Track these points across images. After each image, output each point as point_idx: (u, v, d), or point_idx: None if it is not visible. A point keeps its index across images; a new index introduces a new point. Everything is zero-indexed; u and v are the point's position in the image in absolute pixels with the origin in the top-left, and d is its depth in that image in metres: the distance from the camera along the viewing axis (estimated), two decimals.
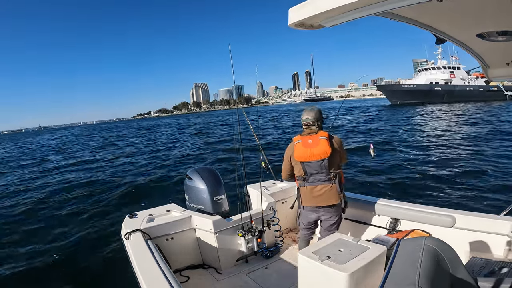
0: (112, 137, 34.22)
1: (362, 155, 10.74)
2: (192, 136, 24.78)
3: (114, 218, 6.05)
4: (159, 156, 15.48)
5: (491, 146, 12.24)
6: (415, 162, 10.00)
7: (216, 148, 16.88)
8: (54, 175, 12.59)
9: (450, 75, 48.54)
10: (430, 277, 1.19)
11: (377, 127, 19.55)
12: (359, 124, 22.57)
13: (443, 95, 47.02)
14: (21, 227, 6.07)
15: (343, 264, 1.74)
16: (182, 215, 3.06)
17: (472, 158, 10.35)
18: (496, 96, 47.09)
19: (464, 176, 8.04)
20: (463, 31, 1.33)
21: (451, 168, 8.96)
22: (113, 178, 10.79)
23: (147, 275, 1.97)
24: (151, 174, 10.98)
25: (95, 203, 7.49)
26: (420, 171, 8.74)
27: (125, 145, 22.59)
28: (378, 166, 9.76)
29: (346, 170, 9.74)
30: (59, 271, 4.15)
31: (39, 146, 31.19)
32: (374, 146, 3.15)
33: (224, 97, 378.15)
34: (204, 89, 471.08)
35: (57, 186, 10.10)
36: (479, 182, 7.41)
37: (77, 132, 64.25)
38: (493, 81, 2.10)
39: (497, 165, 9.11)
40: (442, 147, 12.82)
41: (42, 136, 60.21)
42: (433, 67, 50.22)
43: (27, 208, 7.46)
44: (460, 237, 2.45)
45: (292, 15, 1.17)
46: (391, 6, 0.99)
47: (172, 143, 20.81)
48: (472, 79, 49.84)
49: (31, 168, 15.21)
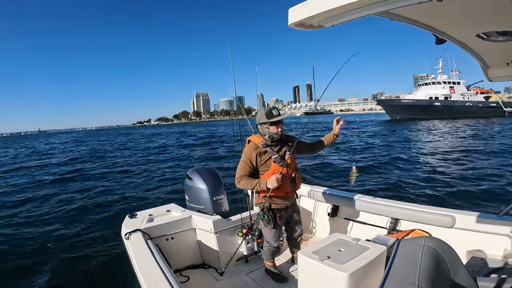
0: (129, 141, 33.31)
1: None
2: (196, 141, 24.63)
3: (114, 218, 6.05)
4: (159, 156, 15.49)
5: (492, 146, 12.25)
6: (415, 162, 10.00)
7: (216, 148, 16.91)
8: (54, 174, 12.60)
9: (450, 90, 48.11)
10: (430, 277, 1.19)
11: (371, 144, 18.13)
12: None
13: (443, 111, 46.58)
14: (21, 227, 6.07)
15: (343, 264, 1.74)
16: (182, 215, 3.06)
17: (472, 158, 10.36)
18: (495, 112, 46.59)
19: (464, 176, 8.04)
20: (463, 31, 1.33)
21: (451, 169, 8.96)
22: (113, 178, 10.80)
23: (147, 275, 1.97)
24: (151, 174, 10.99)
25: (95, 203, 7.49)
26: (420, 171, 8.75)
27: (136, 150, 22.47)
28: (378, 165, 9.78)
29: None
30: (59, 271, 4.15)
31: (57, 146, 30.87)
32: (357, 168, 2.76)
33: (225, 108, 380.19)
34: (205, 99, 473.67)
35: (57, 185, 10.10)
36: (479, 182, 7.42)
37: (81, 135, 64.05)
38: (493, 81, 2.09)
39: (497, 165, 9.11)
40: (441, 151, 12.83)
41: (54, 138, 60.04)
42: (433, 81, 49.75)
43: (27, 208, 7.46)
44: (460, 237, 2.45)
45: (292, 15, 1.17)
46: (391, 6, 0.99)
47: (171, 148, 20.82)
48: (472, 94, 49.46)
49: (31, 168, 15.22)
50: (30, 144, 44.88)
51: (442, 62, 50.14)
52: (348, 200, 3.21)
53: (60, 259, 4.49)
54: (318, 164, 10.70)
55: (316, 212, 3.56)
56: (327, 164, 10.73)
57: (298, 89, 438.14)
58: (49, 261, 4.44)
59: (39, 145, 38.51)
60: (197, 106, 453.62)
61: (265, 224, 2.60)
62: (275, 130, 2.47)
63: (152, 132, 59.47)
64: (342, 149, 14.80)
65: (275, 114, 2.47)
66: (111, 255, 4.38)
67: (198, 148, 19.93)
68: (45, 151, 26.94)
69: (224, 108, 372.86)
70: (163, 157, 15.95)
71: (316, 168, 10.20)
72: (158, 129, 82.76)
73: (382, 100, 59.28)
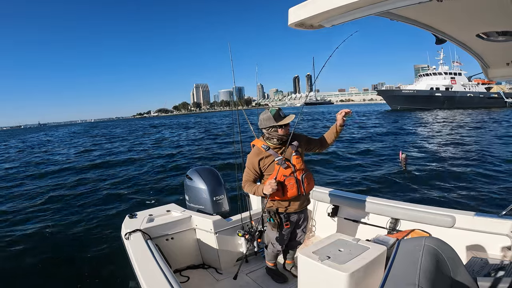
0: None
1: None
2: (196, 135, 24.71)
3: (114, 218, 6.05)
4: (159, 158, 15.50)
5: (491, 147, 12.26)
6: (415, 162, 10.00)
7: (216, 147, 16.90)
8: (53, 174, 12.59)
9: (451, 81, 48.04)
10: (430, 277, 1.19)
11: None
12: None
13: (443, 101, 46.53)
14: (20, 227, 6.07)
15: (343, 264, 1.74)
16: (182, 215, 3.06)
17: (472, 158, 10.35)
18: (497, 103, 46.53)
19: (464, 176, 8.04)
20: (463, 31, 1.33)
21: (452, 168, 8.96)
22: (113, 178, 10.80)
23: (147, 275, 1.97)
24: (151, 174, 10.99)
25: (95, 203, 7.49)
26: (420, 172, 8.75)
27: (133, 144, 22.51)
28: (377, 167, 9.79)
29: (342, 171, 9.71)
30: (58, 271, 4.15)
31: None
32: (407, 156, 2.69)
33: (224, 98, 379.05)
34: (204, 90, 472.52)
35: (56, 186, 10.10)
36: (479, 182, 7.42)
37: (82, 128, 64.00)
38: (493, 80, 2.09)
39: (497, 166, 9.11)
40: (441, 148, 12.83)
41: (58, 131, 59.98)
42: (434, 72, 49.69)
43: (26, 208, 7.46)
44: (460, 237, 2.45)
45: (292, 15, 1.17)
46: (391, 6, 0.99)
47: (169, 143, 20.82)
48: (473, 85, 49.34)
49: (31, 167, 15.21)
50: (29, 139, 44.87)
51: (443, 53, 50.03)
52: (348, 200, 3.21)
53: (60, 259, 4.49)
54: (319, 160, 10.72)
55: (316, 212, 3.56)
56: (326, 162, 10.74)
57: (298, 80, 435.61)
58: (49, 261, 4.44)
59: (41, 140, 38.53)
60: (197, 97, 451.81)
61: (271, 228, 2.52)
62: (285, 131, 2.35)
63: (151, 123, 58.95)
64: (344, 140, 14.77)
65: (283, 116, 2.35)
66: (111, 255, 4.38)
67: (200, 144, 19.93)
68: (50, 151, 26.94)
69: (224, 99, 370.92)
70: (163, 159, 15.96)
71: (316, 164, 10.21)
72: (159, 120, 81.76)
73: (383, 90, 59.32)
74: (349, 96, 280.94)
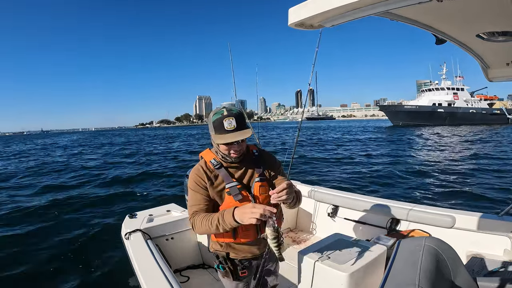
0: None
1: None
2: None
3: (114, 218, 6.05)
4: (159, 157, 15.50)
5: (492, 147, 12.25)
6: (415, 162, 10.00)
7: None
8: (53, 175, 12.59)
9: (453, 97, 47.63)
10: (430, 277, 1.19)
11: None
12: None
13: (446, 117, 46.19)
14: (19, 227, 6.06)
15: (343, 264, 1.74)
16: (182, 215, 3.06)
17: (472, 158, 10.35)
18: (499, 120, 46.04)
19: (464, 176, 8.04)
20: (463, 31, 1.33)
21: (452, 168, 8.96)
22: (114, 178, 10.80)
23: (147, 275, 1.97)
24: (151, 174, 11.00)
25: (95, 203, 7.49)
26: (420, 172, 8.74)
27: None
28: (377, 166, 9.79)
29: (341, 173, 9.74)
30: (58, 271, 4.15)
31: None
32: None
33: None
34: (207, 102, 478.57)
35: (56, 186, 10.10)
36: (479, 182, 7.42)
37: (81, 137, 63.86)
38: (493, 81, 2.08)
39: (497, 166, 9.11)
40: (441, 151, 12.83)
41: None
42: (437, 88, 49.32)
43: (26, 209, 7.45)
44: (460, 237, 2.45)
45: (292, 15, 1.17)
46: (391, 6, 0.99)
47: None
48: (476, 101, 49.04)
49: (31, 167, 15.22)
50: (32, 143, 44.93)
51: (446, 67, 49.67)
52: (348, 200, 3.21)
53: (59, 259, 4.49)
54: (318, 158, 10.72)
55: (316, 212, 3.56)
56: (326, 161, 10.73)
57: (301, 94, 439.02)
58: (48, 261, 4.43)
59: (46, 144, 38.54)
60: (199, 109, 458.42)
61: (222, 276, 1.73)
62: (227, 151, 1.51)
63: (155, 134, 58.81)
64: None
65: (227, 128, 1.43)
66: (111, 255, 4.38)
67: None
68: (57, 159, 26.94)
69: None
70: (163, 157, 15.98)
71: (314, 166, 10.21)
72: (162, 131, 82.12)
73: (385, 106, 58.74)
74: (351, 111, 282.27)
